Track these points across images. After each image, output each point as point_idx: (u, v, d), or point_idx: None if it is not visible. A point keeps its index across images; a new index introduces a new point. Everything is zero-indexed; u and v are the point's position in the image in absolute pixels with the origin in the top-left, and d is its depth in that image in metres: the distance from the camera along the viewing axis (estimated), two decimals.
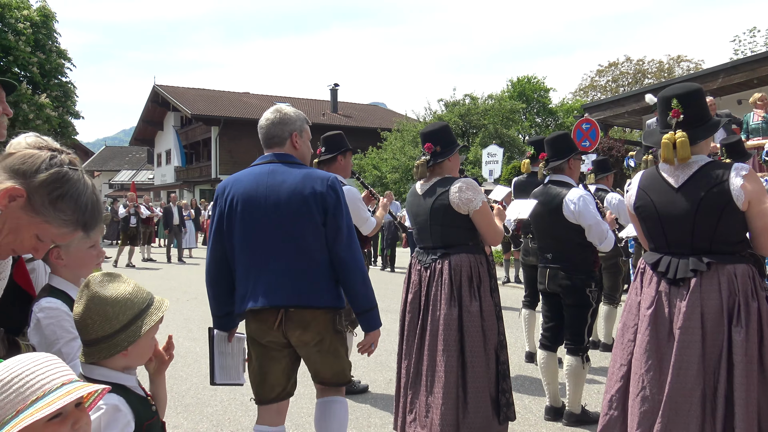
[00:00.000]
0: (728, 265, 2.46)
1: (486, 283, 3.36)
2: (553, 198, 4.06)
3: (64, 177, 1.46)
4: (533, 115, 37.88)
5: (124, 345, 1.60)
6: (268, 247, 2.71)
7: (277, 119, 2.87)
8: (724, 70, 12.99)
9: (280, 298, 2.69)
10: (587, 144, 11.91)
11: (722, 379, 2.39)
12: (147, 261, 16.69)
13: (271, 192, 2.73)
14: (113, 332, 1.58)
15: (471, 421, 3.16)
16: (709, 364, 2.42)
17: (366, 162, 27.35)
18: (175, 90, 37.09)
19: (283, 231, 2.70)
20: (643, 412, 2.50)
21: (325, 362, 2.87)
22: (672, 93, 2.59)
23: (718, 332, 2.42)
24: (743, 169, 2.45)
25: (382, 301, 10.18)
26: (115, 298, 1.59)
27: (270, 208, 2.71)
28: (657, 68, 36.22)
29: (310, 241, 2.71)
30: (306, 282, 2.70)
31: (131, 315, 1.60)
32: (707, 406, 2.41)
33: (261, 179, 2.78)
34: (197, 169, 37.08)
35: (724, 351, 2.41)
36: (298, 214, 2.69)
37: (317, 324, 2.75)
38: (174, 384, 5.10)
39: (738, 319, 2.40)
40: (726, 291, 2.43)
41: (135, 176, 48.91)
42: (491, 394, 3.24)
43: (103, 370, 1.60)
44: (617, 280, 6.16)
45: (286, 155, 2.86)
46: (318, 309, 2.74)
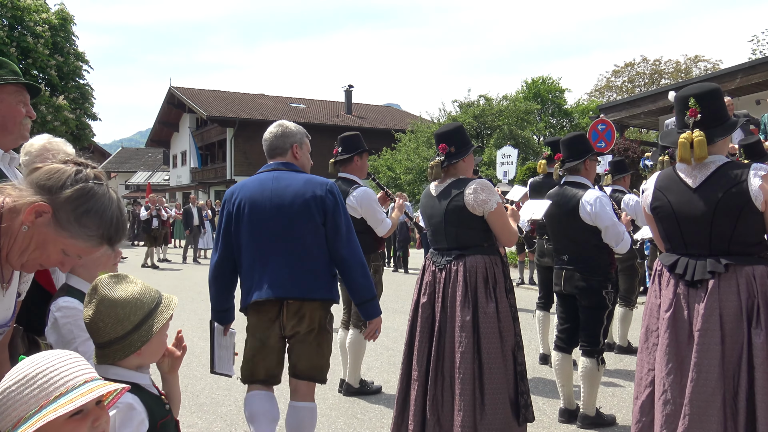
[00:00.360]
0: (746, 266, 2.43)
1: (501, 284, 3.33)
2: (570, 199, 4.03)
3: (89, 192, 1.47)
4: (548, 116, 37.69)
5: (137, 345, 1.61)
6: (272, 245, 3.00)
7: (279, 132, 3.23)
8: (742, 70, 12.84)
9: (283, 290, 2.97)
10: (603, 145, 11.83)
11: (743, 381, 2.36)
12: (162, 261, 16.82)
13: (275, 195, 3.03)
14: (126, 333, 1.59)
15: (489, 422, 3.14)
16: (729, 367, 2.39)
17: (380, 163, 27.38)
18: (190, 92, 37.38)
19: (287, 230, 2.99)
20: (666, 416, 2.48)
21: (308, 354, 3.07)
22: (689, 93, 2.57)
23: (737, 334, 2.39)
24: (762, 169, 2.42)
25: (395, 302, 10.21)
26: (124, 300, 1.60)
27: (275, 209, 3.01)
28: (674, 68, 35.91)
29: (311, 239, 3.01)
30: (306, 276, 2.99)
31: (142, 315, 1.62)
32: (728, 409, 2.38)
33: (266, 184, 3.08)
34: (212, 171, 37.30)
35: (744, 353, 2.38)
36: (300, 215, 2.99)
37: (312, 315, 3.04)
38: (189, 384, 5.13)
39: (758, 321, 2.37)
40: (745, 293, 2.40)
41: (151, 177, 49.30)
42: (510, 395, 3.21)
43: (118, 369, 1.61)
44: (633, 282, 6.11)
45: (288, 164, 3.18)
46: (315, 301, 3.03)
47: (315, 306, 3.04)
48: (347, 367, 4.84)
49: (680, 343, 2.49)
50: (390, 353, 6.24)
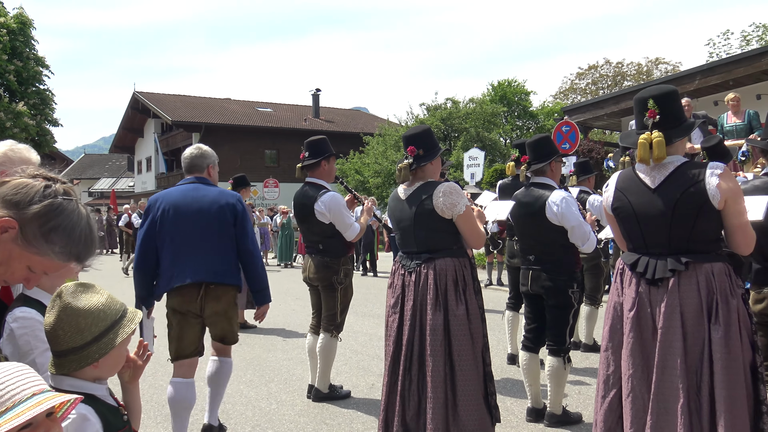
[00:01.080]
0: (705, 263, 2.48)
1: (470, 286, 3.36)
2: (536, 200, 4.08)
3: (58, 208, 1.43)
4: (514, 118, 38.11)
5: (95, 357, 1.57)
6: (192, 241, 3.68)
7: (199, 153, 3.94)
8: (700, 72, 13.17)
9: (203, 276, 3.67)
10: (567, 146, 12.01)
11: (705, 376, 2.41)
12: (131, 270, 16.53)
13: (195, 202, 3.72)
14: (84, 344, 1.55)
15: (463, 424, 3.16)
16: (692, 363, 2.44)
17: (348, 167, 27.35)
18: (155, 96, 36.83)
19: (205, 230, 3.70)
20: (635, 412, 2.52)
21: (226, 326, 3.88)
22: (648, 94, 2.62)
23: (698, 331, 2.44)
24: (718, 168, 2.48)
25: (364, 306, 10.20)
26: (87, 310, 1.56)
27: (195, 213, 3.70)
28: (636, 71, 36.65)
29: (224, 236, 3.74)
30: (221, 265, 3.72)
31: (103, 327, 1.58)
32: (692, 404, 2.42)
33: (188, 193, 3.78)
34: (178, 176, 36.77)
35: (705, 349, 2.42)
36: (216, 218, 3.71)
37: (226, 296, 3.79)
38: (154, 393, 5.04)
39: (716, 317, 2.42)
40: (705, 290, 2.45)
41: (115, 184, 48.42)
42: (482, 395, 3.24)
43: (72, 380, 1.57)
44: (599, 281, 6.20)
45: (204, 179, 3.89)
46: (229, 285, 3.76)
47: (228, 289, 3.78)
48: (316, 372, 4.80)
49: (645, 341, 2.53)
50: (359, 357, 6.23)
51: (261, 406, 4.73)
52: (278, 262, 17.49)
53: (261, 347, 6.76)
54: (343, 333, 6.02)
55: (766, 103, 11.71)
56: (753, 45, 27.38)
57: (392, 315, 3.41)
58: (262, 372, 5.71)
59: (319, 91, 39.15)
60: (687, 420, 2.40)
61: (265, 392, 5.08)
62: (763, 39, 27.90)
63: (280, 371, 5.74)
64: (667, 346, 2.45)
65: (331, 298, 4.67)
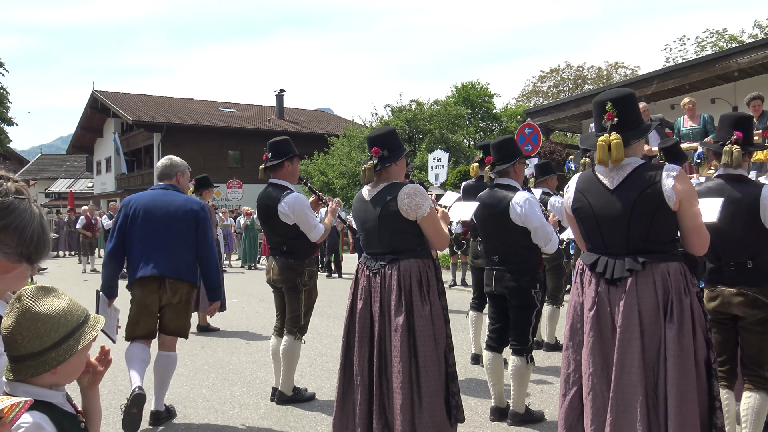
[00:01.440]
0: (662, 263, 2.54)
1: (434, 287, 3.37)
2: (500, 201, 4.12)
3: (9, 207, 1.38)
4: (478, 120, 38.46)
5: (53, 364, 1.51)
6: (158, 240, 4.21)
7: (169, 163, 4.50)
8: (657, 76, 13.51)
9: (164, 271, 4.19)
10: (530, 148, 12.18)
11: (662, 374, 2.47)
12: (93, 272, 16.09)
13: (164, 205, 4.28)
14: (42, 350, 1.50)
15: (426, 423, 3.18)
16: (649, 361, 2.49)
17: (313, 168, 27.22)
18: (114, 96, 36.07)
19: (169, 230, 4.24)
20: (595, 410, 2.56)
21: (178, 318, 4.33)
22: (606, 97, 2.67)
23: (655, 329, 2.49)
24: (674, 170, 2.54)
25: (329, 308, 10.14)
26: (47, 314, 1.51)
27: (162, 215, 4.25)
28: (596, 74, 37.37)
29: (186, 238, 4.27)
30: (181, 264, 4.25)
31: (63, 333, 1.52)
32: (650, 401, 2.48)
33: (157, 197, 4.34)
34: (139, 177, 36.09)
35: (662, 347, 2.48)
36: (181, 221, 4.25)
37: (182, 291, 4.28)
38: (113, 399, 4.93)
39: (671, 315, 2.48)
40: (661, 289, 2.51)
41: (73, 185, 47.28)
42: (443, 396, 3.25)
43: (28, 387, 1.51)
44: (560, 281, 6.30)
45: (173, 185, 4.46)
46: (185, 281, 4.28)
47: (185, 284, 4.28)
48: (280, 374, 4.76)
49: (605, 339, 2.58)
50: (324, 359, 6.20)
51: (224, 410, 4.67)
52: (242, 264, 17.29)
53: (224, 350, 6.67)
54: (308, 335, 5.97)
55: (721, 107, 12.08)
56: (707, 51, 28.21)
57: (362, 317, 3.40)
58: (225, 375, 5.64)
59: (284, 91, 38.89)
60: (645, 417, 2.45)
61: (228, 396, 5.01)
62: (717, 45, 28.76)
63: (244, 374, 5.67)
64: (625, 345, 2.50)
65: (294, 300, 4.64)
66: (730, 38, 29.19)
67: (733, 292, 3.24)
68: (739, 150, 3.24)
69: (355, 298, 3.48)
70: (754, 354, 3.28)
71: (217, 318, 8.28)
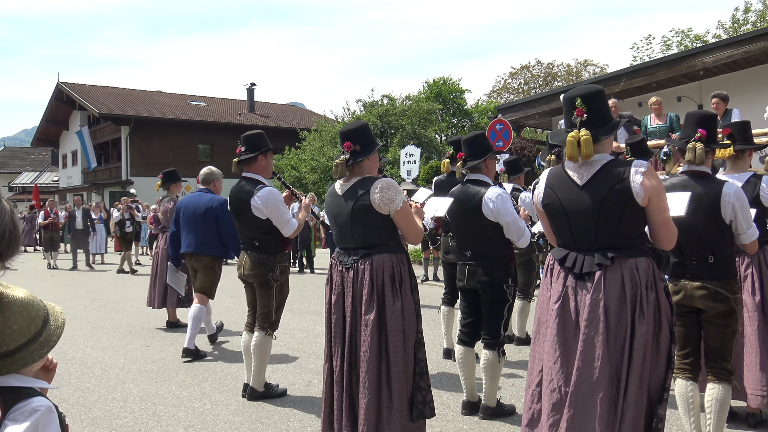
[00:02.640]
0: (630, 258, 2.57)
1: (407, 282, 3.38)
2: (472, 197, 4.14)
3: None
4: (449, 115, 38.62)
5: (54, 339, 1.53)
6: (190, 227, 6.26)
7: (209, 172, 6.38)
8: (625, 74, 13.71)
9: (191, 248, 6.23)
10: (501, 144, 12.26)
11: (625, 369, 2.49)
12: (53, 269, 15.77)
13: (196, 203, 6.28)
14: (38, 332, 1.51)
15: (395, 421, 3.19)
16: (614, 356, 2.51)
17: (284, 162, 27.05)
18: (81, 88, 35.34)
19: (196, 221, 6.22)
20: (553, 404, 2.58)
21: (204, 280, 6.24)
22: (576, 93, 2.70)
23: (620, 325, 2.52)
24: (642, 166, 2.58)
25: (301, 303, 10.10)
26: (29, 299, 1.52)
27: (193, 210, 6.26)
28: (566, 71, 37.77)
29: (208, 226, 6.18)
30: (202, 243, 6.20)
31: (44, 312, 1.54)
32: (612, 397, 2.50)
33: (194, 198, 6.37)
34: (106, 171, 35.47)
35: (627, 343, 2.51)
36: (203, 215, 6.19)
37: (204, 261, 6.25)
38: (80, 397, 4.84)
39: (641, 311, 2.51)
40: (629, 284, 2.54)
41: (38, 179, 46.24)
42: (409, 392, 3.26)
43: (19, 376, 1.51)
44: (531, 275, 6.37)
45: (209, 189, 6.36)
46: (205, 255, 6.22)
47: (205, 257, 6.22)
48: (251, 370, 4.72)
49: (567, 333, 2.60)
50: (295, 355, 6.17)
51: (194, 406, 4.62)
52: None
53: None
54: (280, 330, 5.95)
55: (686, 105, 12.32)
56: (673, 50, 28.73)
57: (335, 313, 3.41)
58: (195, 372, 5.57)
59: (254, 85, 38.57)
60: (605, 413, 2.47)
61: (198, 392, 4.96)
62: (682, 44, 29.31)
63: (215, 370, 5.62)
64: (589, 338, 2.52)
65: (266, 295, 4.61)
66: (695, 38, 29.78)
67: (695, 285, 3.31)
68: (702, 147, 3.31)
69: (330, 293, 3.48)
70: (716, 346, 3.36)
71: (186, 314, 8.17)
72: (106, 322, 8.07)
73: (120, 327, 7.71)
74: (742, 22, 29.00)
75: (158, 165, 29.00)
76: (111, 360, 6.03)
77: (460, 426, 4.15)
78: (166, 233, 7.84)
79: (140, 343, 6.76)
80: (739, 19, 29.25)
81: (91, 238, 16.32)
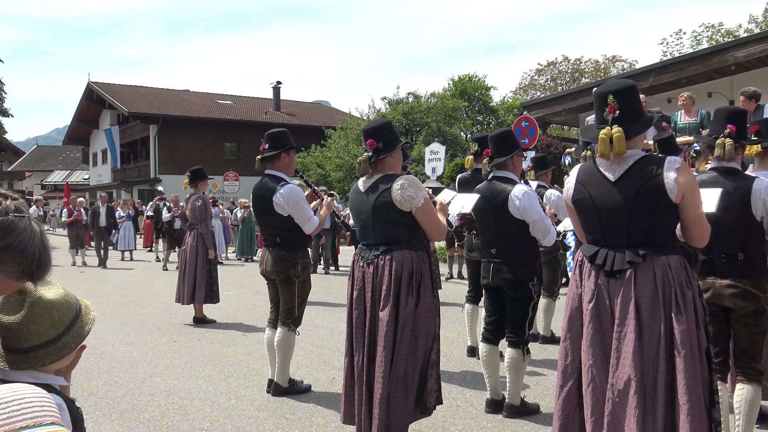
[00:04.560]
0: (662, 256, 2.52)
1: (428, 279, 3.38)
2: (498, 194, 4.11)
3: (9, 227, 1.35)
4: (475, 113, 38.41)
5: (71, 347, 1.56)
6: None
7: None
8: (654, 70, 13.49)
9: None
10: (526, 141, 12.15)
11: (662, 368, 2.44)
12: (83, 266, 16.00)
13: None
14: (57, 335, 1.54)
15: (404, 413, 3.29)
16: (648, 355, 2.46)
17: (309, 160, 27.15)
18: (110, 87, 35.91)
19: None
20: (595, 402, 2.56)
21: None
22: (608, 89, 2.65)
23: (654, 323, 2.47)
24: (676, 162, 2.52)
25: (325, 299, 10.14)
26: (58, 301, 1.56)
27: None
28: (593, 68, 37.35)
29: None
30: None
31: (71, 316, 1.57)
32: (648, 396, 2.46)
33: None
34: (135, 169, 35.99)
35: (662, 341, 2.46)
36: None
37: None
38: (109, 390, 4.92)
39: (678, 309, 2.46)
40: (660, 282, 2.49)
41: (69, 177, 47.19)
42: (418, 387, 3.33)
43: (35, 372, 1.55)
44: (556, 273, 6.31)
45: None
46: None
47: None
48: (275, 366, 4.76)
49: (604, 332, 2.57)
50: (320, 351, 6.20)
51: (220, 401, 4.66)
52: (238, 257, 17.26)
53: (220, 342, 6.66)
54: (304, 327, 5.98)
55: (717, 101, 12.07)
56: (703, 45, 28.21)
57: (356, 308, 3.43)
58: (221, 367, 5.63)
59: (280, 83, 38.77)
60: (641, 409, 2.45)
61: (224, 387, 5.01)
62: (713, 39, 28.75)
63: (240, 366, 5.67)
64: (622, 337, 2.49)
65: (288, 291, 4.64)
66: (726, 33, 29.19)
67: (724, 284, 3.24)
68: (731, 143, 3.24)
69: (352, 288, 3.50)
70: (746, 346, 3.29)
71: (213, 310, 8.26)
72: (135, 317, 8.20)
73: (148, 322, 7.82)
74: None
75: (186, 163, 29.34)
76: (139, 355, 6.11)
77: (483, 424, 4.13)
78: (194, 230, 7.95)
79: (167, 339, 6.85)
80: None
81: (113, 236, 16.44)
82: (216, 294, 7.93)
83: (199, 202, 7.90)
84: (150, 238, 19.09)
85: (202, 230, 7.90)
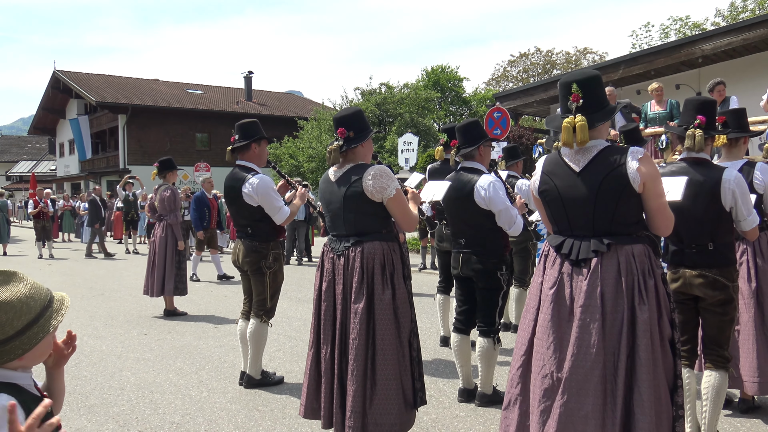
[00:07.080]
0: (626, 245, 2.55)
1: (399, 270, 3.36)
2: (465, 184, 4.12)
3: None
4: (448, 104, 38.48)
5: (17, 353, 1.47)
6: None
7: None
8: (624, 62, 13.65)
9: None
10: (499, 132, 12.22)
11: (623, 356, 2.46)
12: (50, 258, 15.70)
13: None
14: (5, 339, 1.45)
15: (378, 409, 3.18)
16: (610, 344, 2.49)
17: (282, 151, 26.96)
18: (77, 76, 35.14)
19: None
20: (545, 390, 2.56)
21: None
22: (572, 78, 2.66)
23: (617, 312, 2.50)
24: (639, 152, 2.55)
25: (297, 291, 10.11)
26: (8, 303, 1.45)
27: None
28: (565, 59, 37.63)
29: None
30: None
31: (27, 320, 1.47)
32: (608, 384, 2.48)
33: None
34: (104, 160, 35.34)
35: (624, 330, 2.48)
36: None
37: None
38: (77, 384, 4.84)
39: (641, 297, 2.49)
40: (625, 270, 2.52)
41: (35, 167, 46.13)
42: (404, 381, 3.26)
43: None
44: (527, 263, 6.36)
45: None
46: None
47: None
48: (248, 358, 4.72)
49: (561, 319, 2.58)
50: (292, 343, 6.18)
51: (191, 394, 4.62)
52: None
53: (191, 334, 6.60)
54: (277, 318, 5.95)
55: (685, 93, 12.27)
56: (671, 37, 28.62)
57: (325, 300, 3.39)
58: (192, 360, 5.58)
59: (252, 73, 38.36)
60: (600, 400, 2.46)
61: (195, 380, 4.96)
62: (681, 32, 29.19)
63: (211, 358, 5.62)
64: (584, 325, 2.50)
65: (260, 282, 4.60)
66: (693, 26, 29.65)
67: (694, 273, 3.30)
68: (701, 134, 3.28)
69: (321, 280, 3.46)
70: (714, 334, 3.36)
71: (184, 302, 8.18)
72: (104, 310, 8.07)
73: (117, 315, 7.71)
74: (740, 9, 28.88)
75: (156, 153, 28.88)
76: (108, 348, 6.03)
77: (456, 413, 4.16)
78: (163, 221, 7.84)
79: (137, 332, 6.76)
80: (737, 6, 29.12)
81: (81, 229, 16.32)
82: (185, 286, 7.86)
83: (168, 193, 7.79)
84: (120, 229, 18.82)
85: (171, 221, 7.80)
